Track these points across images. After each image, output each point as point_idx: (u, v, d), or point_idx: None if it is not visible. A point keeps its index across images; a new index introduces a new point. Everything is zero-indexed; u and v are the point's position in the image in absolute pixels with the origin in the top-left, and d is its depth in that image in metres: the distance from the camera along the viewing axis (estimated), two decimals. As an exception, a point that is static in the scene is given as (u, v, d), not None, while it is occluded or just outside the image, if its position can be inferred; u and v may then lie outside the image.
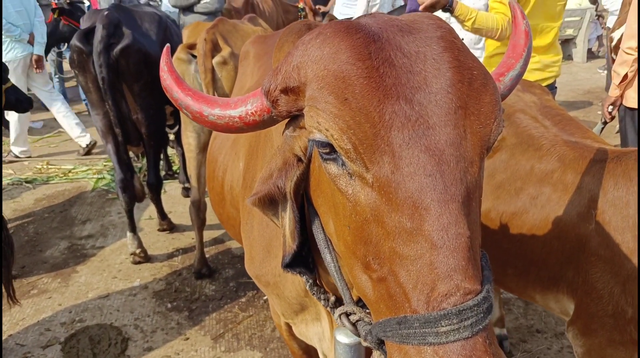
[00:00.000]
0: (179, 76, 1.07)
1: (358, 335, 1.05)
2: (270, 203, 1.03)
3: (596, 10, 10.15)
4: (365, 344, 0.97)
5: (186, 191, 4.95)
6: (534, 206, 1.81)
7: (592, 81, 9.20)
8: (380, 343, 0.87)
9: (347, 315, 1.08)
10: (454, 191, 0.77)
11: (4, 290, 2.90)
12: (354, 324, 1.07)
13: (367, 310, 1.03)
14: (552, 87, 3.27)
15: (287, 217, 1.03)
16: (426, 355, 0.73)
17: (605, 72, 6.41)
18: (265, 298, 3.47)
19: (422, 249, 0.75)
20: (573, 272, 1.72)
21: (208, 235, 4.17)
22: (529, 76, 3.08)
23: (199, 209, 3.66)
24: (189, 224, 4.24)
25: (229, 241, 4.21)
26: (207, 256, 3.85)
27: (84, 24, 3.56)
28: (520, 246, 1.85)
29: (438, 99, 0.79)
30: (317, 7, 7.31)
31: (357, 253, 0.85)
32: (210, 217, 4.29)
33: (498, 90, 0.88)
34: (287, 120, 1.00)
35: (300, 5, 7.35)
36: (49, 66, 7.57)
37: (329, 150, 0.84)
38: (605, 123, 3.59)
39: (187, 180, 4.92)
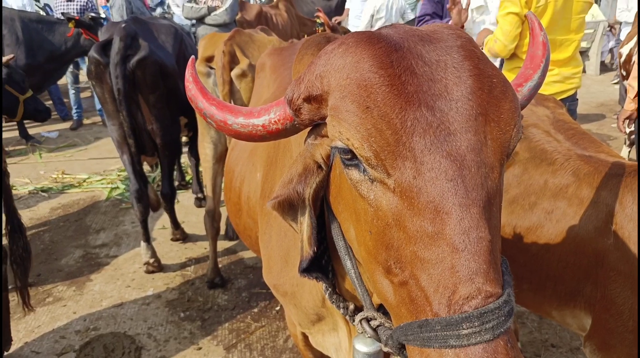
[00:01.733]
0: (203, 86, 1.09)
1: (379, 340, 1.06)
2: (289, 207, 1.05)
3: (609, 22, 10.14)
4: (386, 349, 0.98)
5: (199, 202, 4.98)
6: (549, 220, 1.80)
7: (606, 94, 9.15)
8: (402, 348, 0.88)
9: (368, 320, 1.09)
10: (475, 196, 0.78)
11: (18, 296, 2.95)
12: (374, 329, 1.07)
13: (388, 316, 1.04)
14: (572, 99, 3.26)
15: (305, 223, 1.04)
16: (448, 357, 0.74)
17: (619, 84, 6.41)
18: (277, 308, 3.47)
19: (443, 253, 0.76)
20: (591, 287, 1.70)
21: (221, 245, 4.19)
22: (548, 89, 3.09)
23: (213, 218, 3.68)
24: (202, 234, 4.27)
25: (242, 251, 4.22)
26: (220, 266, 3.87)
27: (102, 35, 3.63)
28: (535, 261, 1.84)
29: (459, 106, 0.81)
30: (334, 19, 7.38)
31: (379, 258, 0.86)
32: (224, 227, 4.32)
33: (517, 97, 0.89)
34: (308, 129, 1.02)
35: (318, 20, 7.43)
36: (66, 77, 7.71)
37: (351, 156, 0.86)
38: (631, 145, 3.57)
39: (200, 190, 4.97)
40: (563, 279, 1.77)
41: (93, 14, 6.76)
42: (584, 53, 10.70)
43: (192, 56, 1.22)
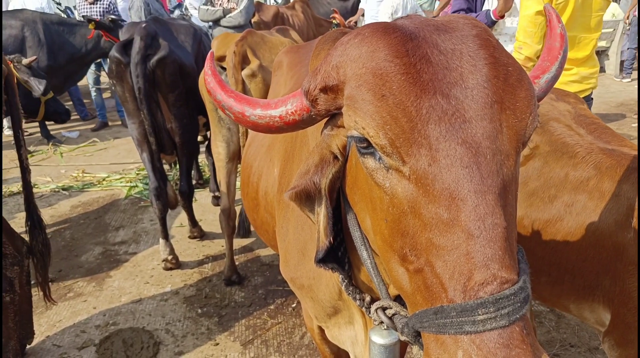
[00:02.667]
0: (222, 79, 1.11)
1: (395, 328, 1.07)
2: (307, 198, 1.06)
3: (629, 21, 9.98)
4: (402, 338, 0.98)
5: (216, 200, 5.03)
6: (569, 213, 1.78)
7: (625, 94, 9.01)
8: (417, 336, 0.88)
9: (384, 309, 1.10)
10: (491, 183, 0.78)
11: (39, 290, 3.01)
12: (390, 318, 1.08)
13: (404, 306, 1.05)
14: (588, 99, 3.23)
15: (322, 213, 1.06)
16: (463, 344, 0.74)
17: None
18: (294, 305, 3.49)
19: (458, 239, 0.77)
20: (610, 281, 1.69)
21: (237, 243, 4.23)
22: (567, 89, 3.06)
23: (229, 217, 3.72)
24: (219, 232, 4.30)
25: (258, 249, 4.26)
26: (236, 263, 3.90)
27: (122, 35, 3.69)
28: (554, 254, 1.82)
29: (474, 94, 0.81)
30: (349, 20, 7.40)
31: (394, 245, 0.87)
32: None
33: (533, 86, 0.89)
34: (325, 120, 1.04)
35: (335, 21, 7.47)
36: (87, 78, 7.84)
37: (367, 145, 0.87)
38: None
39: (217, 189, 5.01)
40: (582, 272, 1.75)
41: (113, 16, 6.87)
42: (603, 52, 10.56)
43: (211, 50, 1.24)
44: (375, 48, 0.86)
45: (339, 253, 1.19)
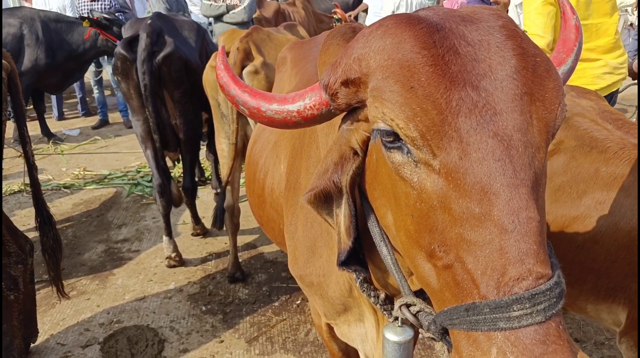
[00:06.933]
0: (234, 74, 1.09)
1: (420, 326, 1.05)
2: (325, 200, 1.04)
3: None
4: (427, 335, 0.97)
5: (218, 197, 5.01)
6: (600, 211, 1.71)
7: (630, 89, 8.98)
8: (444, 333, 0.87)
9: (408, 306, 1.09)
10: (524, 176, 0.77)
11: (52, 286, 3.00)
12: (415, 315, 1.07)
13: (426, 302, 1.03)
14: (616, 93, 3.16)
15: (342, 213, 1.04)
16: (497, 340, 0.73)
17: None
18: (298, 302, 3.48)
19: (491, 234, 0.75)
20: (637, 284, 1.62)
21: (241, 240, 4.22)
22: (600, 82, 2.96)
23: (232, 214, 3.71)
24: (222, 229, 4.29)
25: (262, 246, 4.25)
26: (240, 260, 3.89)
27: (126, 32, 3.67)
28: (579, 253, 1.75)
29: (504, 85, 0.80)
30: (348, 14, 7.37)
31: (421, 241, 0.85)
32: (243, 222, 4.34)
33: (560, 76, 0.88)
34: (342, 115, 1.02)
35: (336, 16, 7.43)
36: (89, 76, 7.81)
37: (394, 138, 0.85)
38: None
39: (220, 186, 4.99)
40: (608, 274, 1.68)
41: (106, 15, 6.80)
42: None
43: (222, 44, 1.22)
44: (401, 39, 0.85)
45: (359, 254, 1.14)
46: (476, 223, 0.77)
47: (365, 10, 7.95)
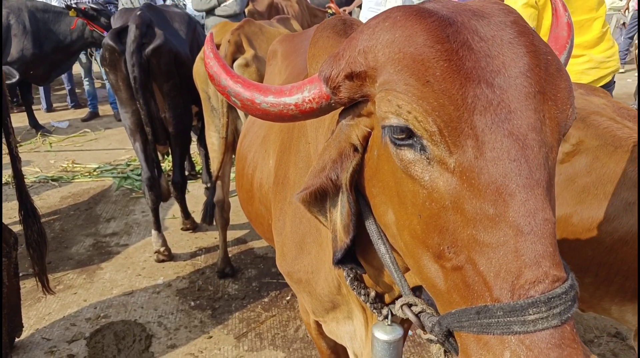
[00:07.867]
0: (225, 63, 1.03)
1: (421, 327, 1.03)
2: (320, 199, 1.01)
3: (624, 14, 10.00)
4: (427, 336, 0.95)
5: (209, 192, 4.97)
6: (630, 212, 1.66)
7: (618, 87, 9.00)
8: (448, 336, 0.85)
9: (409, 305, 1.06)
10: (539, 177, 0.75)
11: (37, 281, 2.95)
12: (417, 315, 1.04)
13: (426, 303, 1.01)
14: (610, 85, 3.09)
15: (339, 211, 1.00)
16: (510, 344, 0.71)
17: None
18: (288, 298, 3.46)
19: (506, 236, 0.73)
20: None
21: (231, 235, 4.18)
22: (584, 79, 2.93)
23: (222, 209, 3.67)
24: (212, 224, 4.25)
25: (252, 241, 4.22)
26: (230, 255, 3.86)
27: (115, 22, 3.61)
28: (606, 254, 1.71)
29: (517, 83, 0.78)
30: (343, 9, 7.33)
31: (429, 242, 0.83)
32: (234, 217, 4.30)
33: (570, 76, 0.86)
34: (339, 110, 0.98)
35: (330, 11, 7.39)
36: (80, 68, 7.72)
37: (405, 135, 0.82)
38: None
39: (210, 180, 4.95)
40: (636, 275, 1.65)
41: (93, 5, 6.72)
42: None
43: (210, 32, 1.18)
44: (412, 32, 0.81)
45: (354, 252, 1.11)
46: (490, 224, 0.75)
47: (360, 6, 7.91)
